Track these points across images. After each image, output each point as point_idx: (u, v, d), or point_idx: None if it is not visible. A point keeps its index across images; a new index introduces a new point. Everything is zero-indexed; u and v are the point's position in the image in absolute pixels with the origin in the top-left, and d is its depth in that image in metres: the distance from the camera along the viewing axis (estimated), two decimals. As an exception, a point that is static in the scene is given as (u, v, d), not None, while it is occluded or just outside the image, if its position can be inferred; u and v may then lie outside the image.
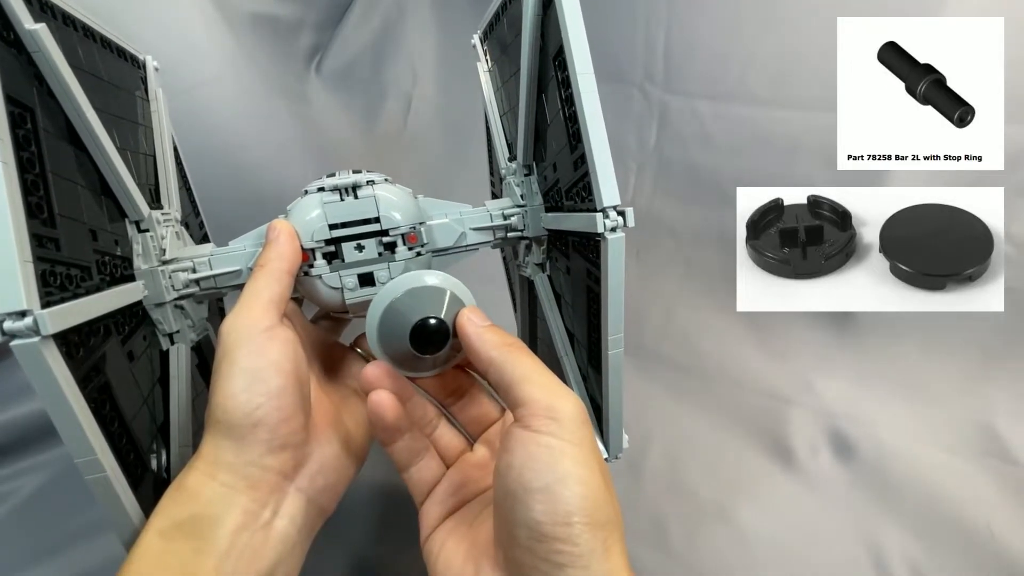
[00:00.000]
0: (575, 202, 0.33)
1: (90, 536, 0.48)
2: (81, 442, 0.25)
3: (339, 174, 0.35)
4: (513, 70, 0.40)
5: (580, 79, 0.29)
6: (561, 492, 0.23)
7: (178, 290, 0.35)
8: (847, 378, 0.64)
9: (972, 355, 0.63)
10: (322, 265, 0.34)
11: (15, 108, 0.25)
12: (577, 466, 0.24)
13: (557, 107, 0.33)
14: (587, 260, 0.33)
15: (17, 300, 0.22)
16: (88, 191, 0.30)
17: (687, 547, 0.48)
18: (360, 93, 0.92)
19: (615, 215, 0.29)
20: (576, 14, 0.30)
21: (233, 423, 0.27)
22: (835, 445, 0.57)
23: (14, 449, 0.55)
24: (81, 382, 0.25)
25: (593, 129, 0.29)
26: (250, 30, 0.82)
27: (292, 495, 0.28)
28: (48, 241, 0.25)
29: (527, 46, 0.35)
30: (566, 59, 0.30)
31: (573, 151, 0.32)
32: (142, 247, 0.34)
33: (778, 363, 0.66)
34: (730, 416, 0.60)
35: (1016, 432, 0.56)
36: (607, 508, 0.24)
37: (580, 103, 0.29)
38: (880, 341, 0.66)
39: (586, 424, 0.26)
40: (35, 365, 0.23)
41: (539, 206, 0.39)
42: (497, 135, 0.46)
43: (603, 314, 0.31)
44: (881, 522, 0.49)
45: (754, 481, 0.54)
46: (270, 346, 0.28)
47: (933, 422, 0.58)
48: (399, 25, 0.92)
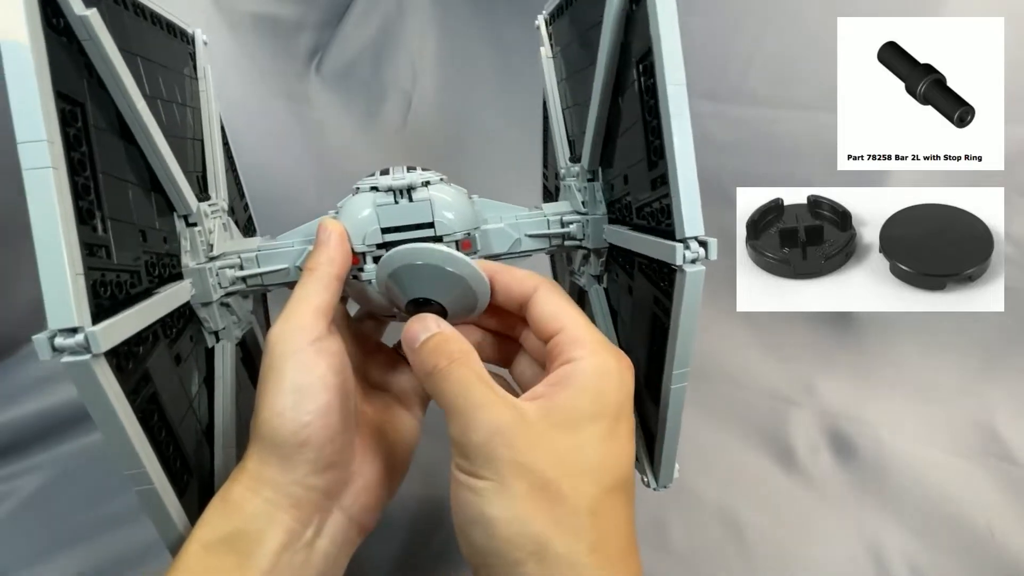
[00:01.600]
0: (649, 222, 0.31)
1: (90, 536, 0.48)
2: (131, 456, 0.24)
3: (393, 171, 0.33)
4: (584, 63, 0.36)
5: (670, 91, 0.26)
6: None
7: (225, 288, 0.34)
8: (847, 378, 0.64)
9: (972, 355, 0.63)
10: (372, 270, 0.32)
11: (66, 105, 0.24)
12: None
13: (636, 115, 0.30)
14: (656, 287, 0.31)
15: (68, 317, 0.21)
16: (138, 188, 0.29)
17: (687, 547, 0.48)
18: (360, 93, 0.91)
19: (697, 246, 0.26)
20: (671, 16, 0.26)
21: (279, 441, 0.26)
22: (835, 445, 0.57)
23: (14, 449, 0.55)
24: (130, 394, 0.25)
25: (681, 149, 0.26)
26: (250, 30, 0.81)
27: (335, 515, 0.28)
28: (99, 248, 0.24)
29: (607, 42, 0.31)
30: (654, 65, 0.27)
31: (651, 168, 0.29)
32: (190, 243, 0.33)
33: (778, 363, 0.67)
34: (730, 416, 0.60)
35: (1016, 432, 0.56)
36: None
37: (668, 119, 0.26)
38: (880, 341, 0.66)
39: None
40: (86, 382, 0.22)
41: (602, 216, 0.36)
42: (558, 131, 0.43)
43: (670, 347, 0.29)
44: (881, 522, 0.49)
45: (754, 481, 0.54)
46: (318, 360, 0.28)
47: (933, 422, 0.58)
48: (399, 25, 0.92)
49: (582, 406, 0.25)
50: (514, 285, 0.29)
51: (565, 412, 0.24)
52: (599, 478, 0.24)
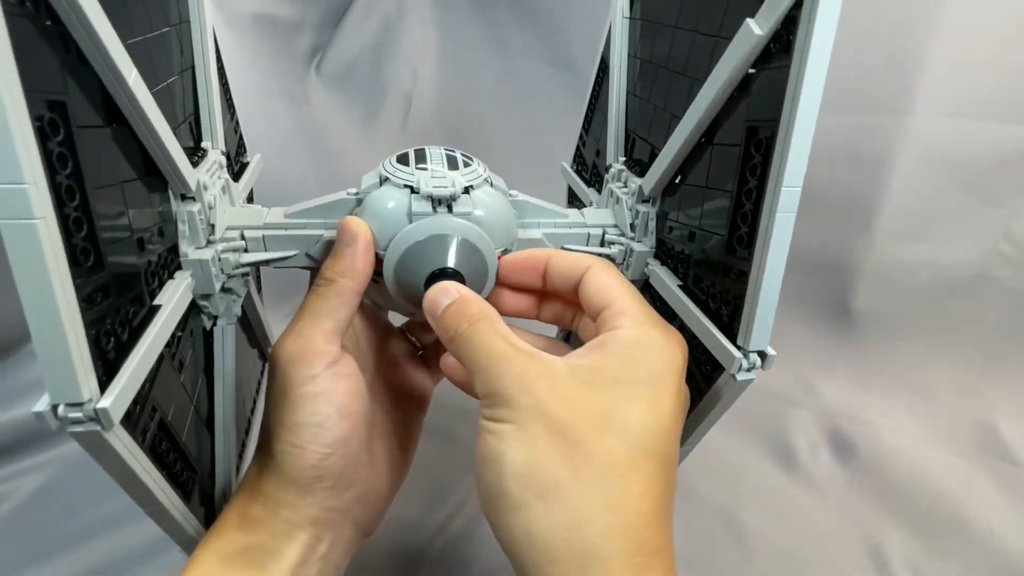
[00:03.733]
0: (706, 299, 0.28)
1: (90, 536, 0.48)
2: (147, 497, 0.23)
3: (431, 159, 0.29)
4: (675, 64, 0.31)
5: (783, 193, 0.22)
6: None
7: (227, 273, 0.30)
8: (847, 378, 0.64)
9: (972, 355, 0.63)
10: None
11: (44, 112, 0.18)
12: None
13: (727, 180, 0.26)
14: (696, 361, 0.29)
15: (73, 391, 0.18)
16: (132, 183, 0.24)
17: (687, 547, 0.48)
18: (360, 93, 0.91)
19: (756, 358, 0.25)
20: (814, 100, 0.21)
21: (297, 475, 0.26)
22: (835, 445, 0.57)
23: (14, 449, 0.55)
24: (140, 438, 0.22)
25: (774, 265, 0.23)
26: (250, 30, 0.81)
27: (348, 526, 0.28)
28: (97, 293, 0.21)
29: (722, 80, 0.25)
30: (772, 150, 0.22)
31: (729, 251, 0.26)
32: (188, 226, 0.28)
33: (778, 363, 0.66)
34: (730, 416, 0.60)
35: (1016, 432, 0.56)
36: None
37: (771, 221, 0.22)
38: (880, 341, 0.66)
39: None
40: (99, 450, 0.20)
41: (648, 252, 0.33)
42: (615, 117, 0.38)
43: (698, 416, 0.28)
44: (881, 522, 0.49)
45: (754, 481, 0.54)
46: (336, 386, 0.26)
47: (933, 422, 0.58)
48: (399, 25, 0.92)
49: (612, 368, 0.23)
50: (567, 266, 0.28)
51: (593, 372, 0.23)
52: (627, 437, 0.22)
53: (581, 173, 0.47)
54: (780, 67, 0.22)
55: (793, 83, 0.21)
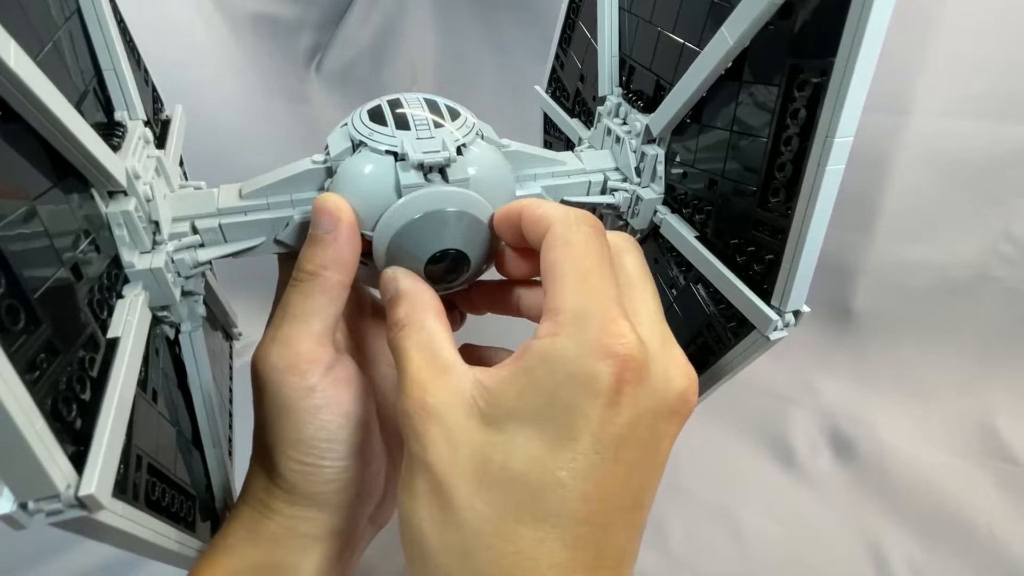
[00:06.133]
0: (733, 254, 0.25)
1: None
2: (149, 549, 0.21)
3: (412, 115, 0.24)
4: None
5: (836, 143, 0.20)
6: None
7: (184, 275, 0.26)
8: (847, 378, 0.64)
9: (972, 355, 0.63)
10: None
11: None
12: None
13: (760, 124, 0.23)
14: (720, 315, 0.27)
15: (43, 484, 0.15)
16: (45, 195, 0.19)
17: (687, 547, 0.48)
18: (360, 93, 0.91)
19: (790, 318, 0.23)
20: (872, 62, 0.18)
21: (310, 493, 0.23)
22: (835, 445, 0.57)
23: (14, 449, 0.55)
24: (134, 497, 0.20)
25: (819, 218, 0.21)
26: (250, 30, 0.81)
27: (369, 527, 0.27)
28: (39, 355, 0.16)
29: (760, 5, 0.21)
30: (822, 94, 0.20)
31: (762, 206, 0.23)
32: (127, 230, 0.23)
33: (778, 363, 0.66)
34: (730, 416, 0.60)
35: (1016, 432, 0.56)
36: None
37: (818, 175, 0.20)
38: (880, 341, 0.66)
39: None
40: (91, 530, 0.17)
41: (657, 198, 0.30)
42: (608, 38, 0.33)
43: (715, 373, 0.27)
44: (881, 522, 0.49)
45: (754, 481, 0.54)
46: (338, 393, 0.23)
47: (933, 422, 0.58)
48: (399, 25, 0.92)
49: (508, 397, 0.18)
50: (530, 228, 0.21)
51: (491, 401, 0.19)
52: (504, 498, 0.17)
53: (561, 100, 0.40)
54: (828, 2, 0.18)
55: (857, 13, 0.17)
